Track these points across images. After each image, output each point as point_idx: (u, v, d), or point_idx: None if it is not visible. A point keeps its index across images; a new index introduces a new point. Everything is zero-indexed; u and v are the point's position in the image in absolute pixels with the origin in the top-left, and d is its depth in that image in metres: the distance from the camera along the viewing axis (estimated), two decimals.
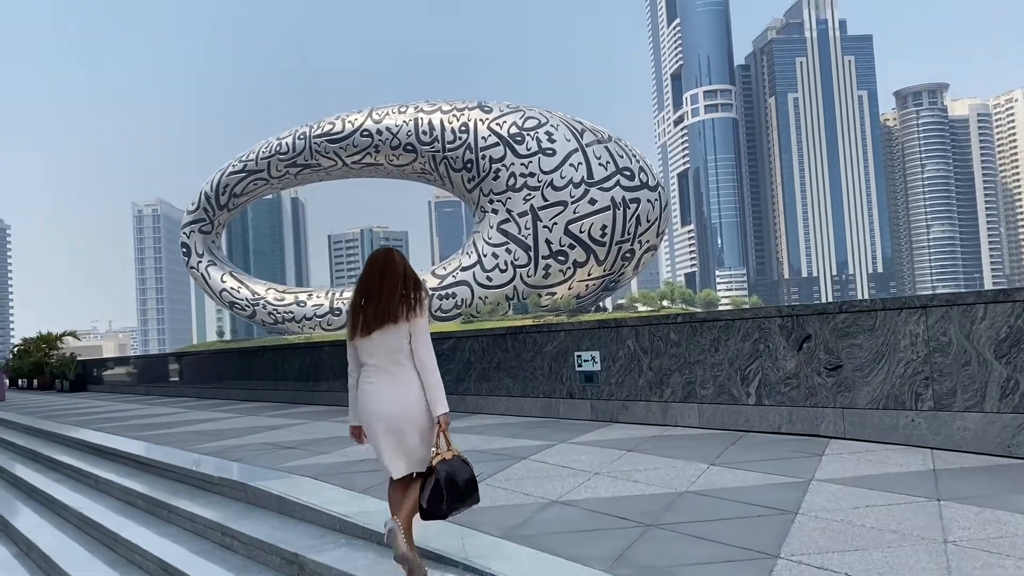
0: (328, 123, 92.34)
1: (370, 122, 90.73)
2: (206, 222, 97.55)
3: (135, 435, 10.55)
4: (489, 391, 10.14)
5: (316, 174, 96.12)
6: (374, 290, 4.16)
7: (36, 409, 18.30)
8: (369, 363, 4.16)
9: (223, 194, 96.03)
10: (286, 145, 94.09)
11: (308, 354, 14.41)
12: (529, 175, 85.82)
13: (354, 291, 4.31)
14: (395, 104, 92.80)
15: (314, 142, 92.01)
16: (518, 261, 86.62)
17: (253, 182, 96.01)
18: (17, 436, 12.83)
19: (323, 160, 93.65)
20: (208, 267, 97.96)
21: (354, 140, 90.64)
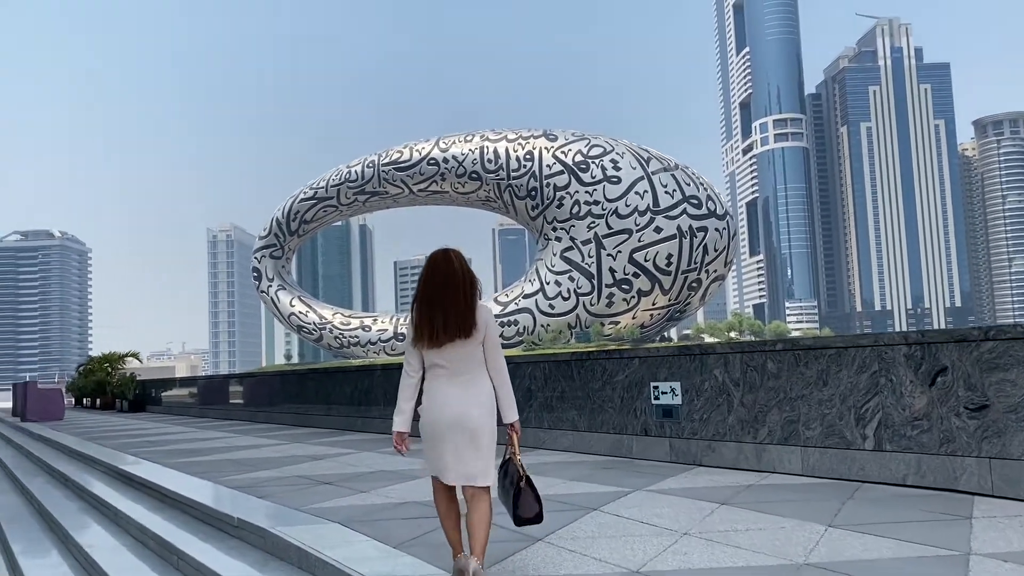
0: (396, 152, 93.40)
1: (437, 150, 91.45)
2: (277, 247, 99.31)
3: (170, 462, 9.77)
4: (551, 424, 9.06)
5: (383, 201, 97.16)
6: (438, 302, 4.05)
7: (86, 429, 17.88)
8: (439, 368, 4.09)
9: (294, 220, 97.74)
10: (355, 173, 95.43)
11: (360, 379, 13.55)
12: (593, 203, 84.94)
13: (417, 295, 4.17)
14: (462, 133, 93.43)
15: (382, 170, 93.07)
16: (581, 289, 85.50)
17: (323, 209, 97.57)
18: (58, 459, 12.23)
19: (390, 188, 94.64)
20: (278, 291, 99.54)
21: (421, 168, 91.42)
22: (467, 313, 4.05)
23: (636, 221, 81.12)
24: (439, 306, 4.04)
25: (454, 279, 4.08)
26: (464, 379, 4.07)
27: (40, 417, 23.05)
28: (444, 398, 4.03)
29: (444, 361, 4.07)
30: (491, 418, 4.10)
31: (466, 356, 4.07)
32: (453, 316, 4.02)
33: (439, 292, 4.06)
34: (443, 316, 4.02)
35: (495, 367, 4.16)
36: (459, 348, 4.05)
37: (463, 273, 4.12)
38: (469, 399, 4.02)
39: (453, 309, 4.03)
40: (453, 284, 4.06)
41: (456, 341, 4.02)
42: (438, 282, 4.08)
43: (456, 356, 4.06)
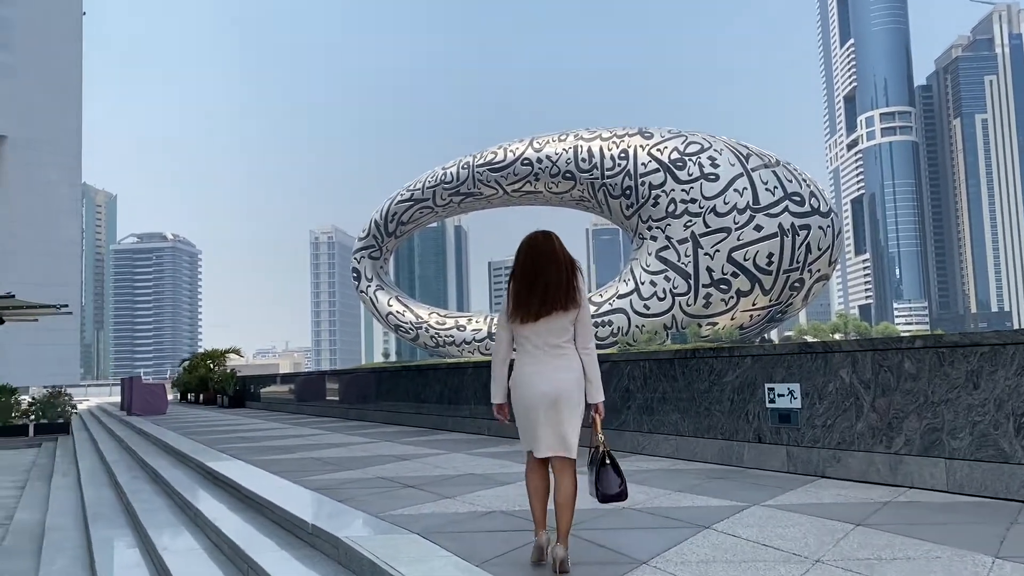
0: (491, 152, 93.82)
1: (531, 151, 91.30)
2: (375, 248, 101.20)
3: (257, 459, 9.53)
4: (652, 428, 8.36)
5: (478, 202, 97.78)
6: (539, 276, 4.14)
7: (185, 424, 18.12)
8: (531, 344, 4.17)
9: (391, 222, 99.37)
10: (450, 174, 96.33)
11: (450, 377, 13.13)
12: (690, 201, 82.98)
13: (514, 274, 4.27)
14: (555, 132, 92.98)
15: (477, 171, 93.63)
16: (677, 289, 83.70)
17: (419, 210, 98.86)
18: (151, 454, 12.26)
19: (485, 188, 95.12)
20: (376, 291, 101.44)
21: (515, 169, 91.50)
22: (568, 287, 4.14)
23: (735, 219, 78.84)
24: (540, 280, 4.13)
25: (554, 256, 4.18)
26: (555, 354, 4.14)
27: (144, 411, 23.67)
28: (536, 372, 4.12)
29: (535, 336, 4.16)
30: (580, 393, 4.15)
31: (559, 331, 4.15)
32: (553, 289, 4.12)
33: (540, 267, 4.15)
34: (543, 290, 4.12)
35: (585, 345, 4.21)
36: (554, 322, 4.13)
37: (563, 252, 4.22)
38: (560, 373, 4.10)
39: (554, 282, 4.13)
40: (554, 260, 4.16)
41: (553, 315, 4.11)
42: (538, 259, 4.18)
43: (548, 330, 4.14)
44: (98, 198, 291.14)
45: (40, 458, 18.36)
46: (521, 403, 4.18)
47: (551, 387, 4.06)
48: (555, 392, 4.06)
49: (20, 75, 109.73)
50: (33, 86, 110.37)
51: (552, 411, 4.07)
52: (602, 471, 4.15)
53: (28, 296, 56.50)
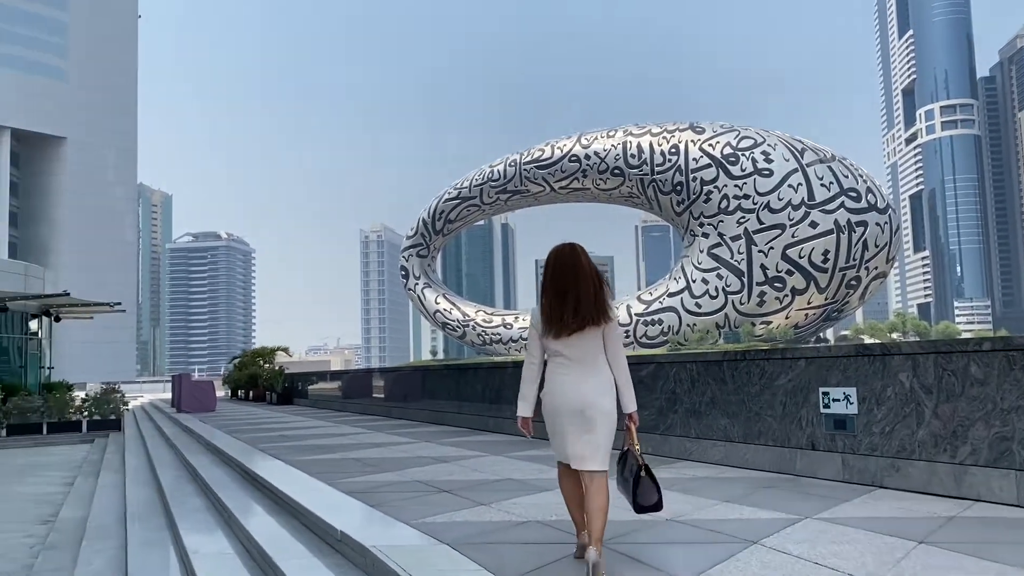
0: (538, 150, 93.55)
1: (578, 147, 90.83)
2: (423, 246, 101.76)
3: (296, 459, 9.43)
4: (700, 433, 8.03)
5: (525, 199, 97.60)
6: (570, 290, 4.17)
7: (231, 421, 18.23)
8: (564, 357, 4.20)
9: (439, 220, 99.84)
10: (497, 172, 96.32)
11: (491, 377, 12.92)
12: (743, 197, 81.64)
13: (544, 287, 4.31)
14: (604, 129, 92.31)
15: (524, 168, 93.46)
16: (730, 287, 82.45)
17: (466, 208, 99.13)
18: (195, 452, 12.28)
19: (532, 186, 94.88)
20: (424, 289, 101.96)
21: (562, 166, 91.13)
22: (597, 302, 4.17)
23: (790, 215, 77.34)
24: (572, 295, 4.15)
25: (583, 271, 4.21)
26: (586, 367, 4.17)
27: (193, 408, 23.95)
28: (568, 385, 4.15)
29: (567, 349, 4.19)
30: (612, 405, 4.18)
31: (589, 345, 4.18)
32: (584, 305, 4.14)
33: (572, 283, 4.17)
34: (574, 304, 4.14)
35: (615, 359, 4.25)
36: (585, 337, 4.17)
37: (589, 266, 4.26)
38: (592, 387, 4.13)
39: (584, 298, 4.14)
40: (583, 275, 4.19)
41: (584, 330, 4.14)
42: (568, 275, 4.20)
43: (580, 344, 4.17)
44: (154, 198, 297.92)
45: (92, 454, 18.66)
46: (552, 414, 4.22)
47: (582, 399, 4.10)
48: (586, 404, 4.10)
49: (77, 79, 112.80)
50: (90, 89, 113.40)
51: (583, 422, 4.10)
52: (640, 481, 4.17)
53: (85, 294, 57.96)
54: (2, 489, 13.99)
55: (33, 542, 9.14)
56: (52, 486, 13.99)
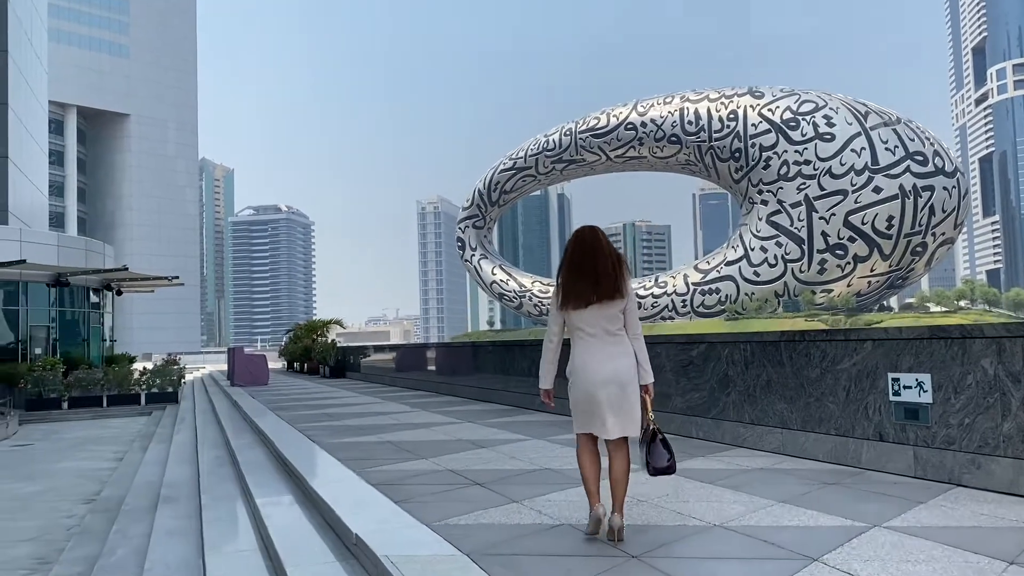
0: (593, 118, 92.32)
1: (634, 115, 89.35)
2: (479, 218, 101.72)
3: (331, 442, 9.14)
4: (754, 419, 7.45)
5: (581, 169, 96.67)
6: (588, 266, 4.40)
7: (280, 396, 18.18)
8: (586, 332, 4.41)
9: (494, 191, 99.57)
10: (553, 142, 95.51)
11: (536, 353, 12.40)
12: (804, 162, 79.37)
13: (564, 265, 4.52)
14: (660, 95, 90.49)
15: (579, 137, 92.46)
16: (790, 255, 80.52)
17: (522, 178, 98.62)
18: (237, 431, 12.14)
19: (587, 155, 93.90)
20: (480, 260, 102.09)
21: (618, 134, 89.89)
22: (617, 277, 4.41)
23: (852, 181, 74.99)
24: (591, 270, 4.39)
25: (602, 250, 4.45)
26: (610, 340, 4.40)
27: (247, 381, 24.08)
28: (596, 358, 4.36)
29: (588, 325, 4.41)
30: (635, 375, 4.41)
31: (612, 318, 4.40)
32: (604, 279, 4.38)
33: (590, 259, 4.42)
34: (595, 279, 4.37)
35: (634, 332, 4.51)
36: (605, 310, 4.39)
37: (608, 246, 4.50)
38: (618, 358, 4.36)
39: (604, 273, 4.38)
40: (602, 253, 4.43)
41: (604, 303, 4.37)
42: (587, 251, 4.45)
43: (601, 318, 4.39)
44: (216, 172, 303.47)
45: (147, 427, 18.86)
46: (583, 388, 4.41)
47: (613, 373, 4.33)
48: (617, 377, 4.33)
49: (138, 55, 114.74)
50: (150, 65, 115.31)
51: (618, 394, 4.33)
52: (653, 446, 4.43)
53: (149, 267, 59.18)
54: (56, 465, 14.14)
55: (71, 523, 9.07)
56: (103, 461, 14.08)
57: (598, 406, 4.35)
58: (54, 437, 18.94)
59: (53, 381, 23.85)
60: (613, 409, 4.33)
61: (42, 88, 40.95)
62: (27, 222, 35.89)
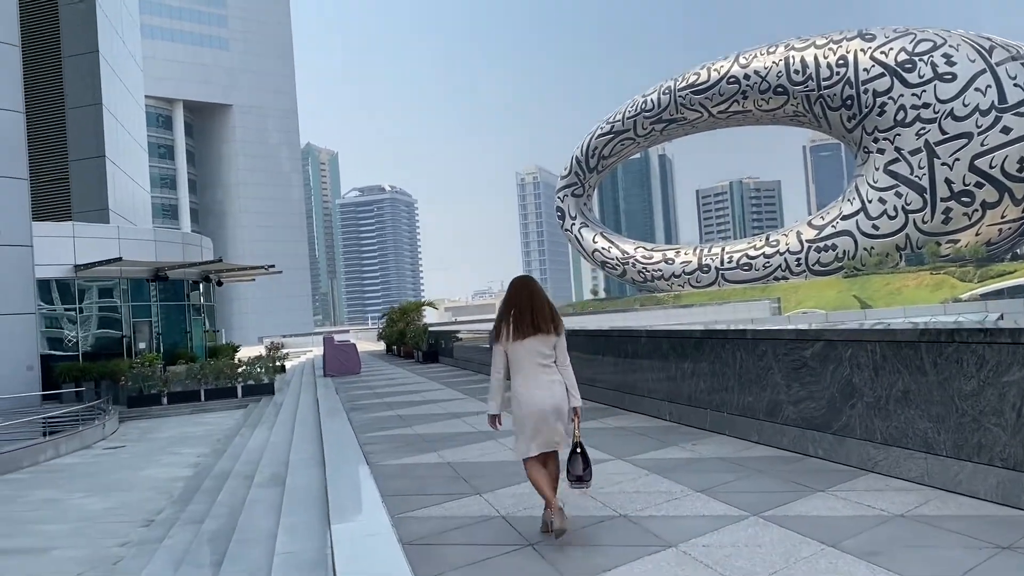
0: (692, 74, 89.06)
1: (736, 67, 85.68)
2: (577, 186, 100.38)
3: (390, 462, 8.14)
4: (887, 437, 5.89)
5: (682, 128, 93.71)
6: (525, 305, 5.20)
7: (364, 390, 17.48)
8: (523, 365, 5.10)
9: (592, 157, 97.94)
10: (651, 102, 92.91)
11: (623, 346, 11.03)
12: (923, 106, 74.13)
13: (502, 305, 5.32)
14: (762, 45, 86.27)
15: (679, 95, 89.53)
16: (910, 205, 75.65)
17: (620, 142, 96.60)
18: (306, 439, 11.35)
19: (688, 113, 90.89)
20: (580, 228, 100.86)
21: (720, 88, 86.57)
22: (551, 314, 5.21)
23: (977, 122, 69.55)
24: (527, 309, 5.17)
25: (537, 293, 5.32)
26: (545, 369, 5.10)
27: (338, 371, 23.60)
28: (536, 386, 5.05)
29: (528, 353, 5.09)
30: (566, 403, 5.11)
31: (544, 353, 5.11)
32: (539, 316, 5.15)
33: (527, 300, 5.22)
34: (531, 316, 5.13)
35: (563, 363, 5.20)
36: (540, 344, 5.10)
37: (542, 291, 5.37)
38: (553, 386, 5.08)
39: (539, 311, 5.17)
40: (537, 296, 5.28)
41: (539, 335, 5.09)
42: (525, 294, 5.27)
43: (539, 349, 5.08)
44: (322, 156, 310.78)
45: (236, 425, 18.51)
46: (525, 411, 5.06)
47: (552, 400, 5.02)
48: (554, 401, 5.03)
49: (237, 47, 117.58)
50: (249, 56, 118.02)
51: (553, 418, 5.02)
52: (573, 457, 5.09)
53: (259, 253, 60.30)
54: (138, 472, 13.79)
55: (119, 554, 8.40)
56: (181, 468, 13.63)
57: (541, 428, 5.02)
58: (148, 437, 18.86)
59: (152, 377, 23.98)
60: (549, 429, 5.03)
61: (137, 84, 41.76)
62: (129, 218, 36.69)
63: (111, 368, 25.69)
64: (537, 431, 5.01)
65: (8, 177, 24.35)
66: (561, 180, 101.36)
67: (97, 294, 29.73)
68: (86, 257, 28.14)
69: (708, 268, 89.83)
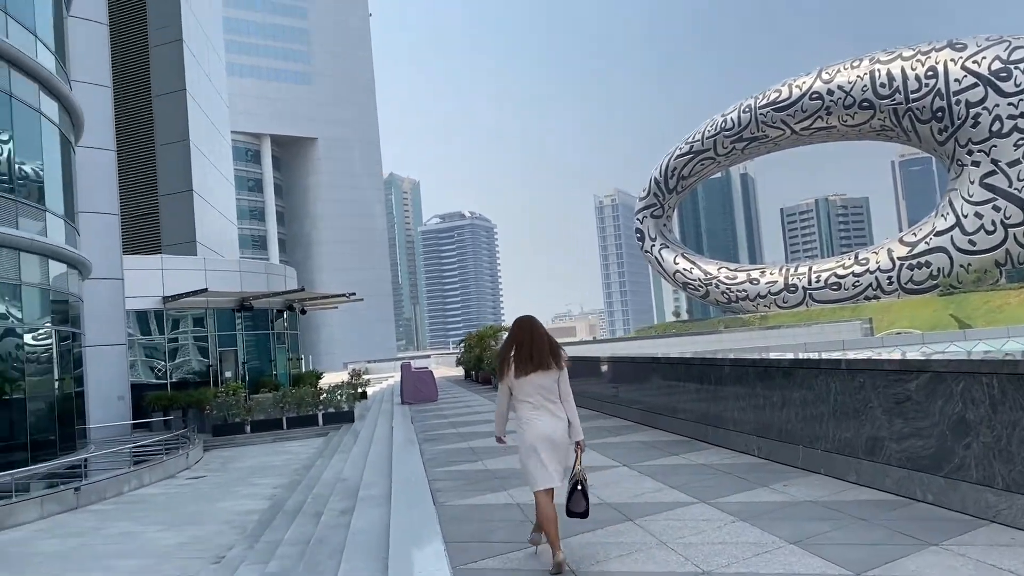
0: (774, 91, 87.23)
1: (819, 83, 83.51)
2: (657, 207, 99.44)
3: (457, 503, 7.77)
4: (1010, 483, 5.12)
5: (763, 146, 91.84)
6: (526, 343, 5.43)
7: (439, 419, 17.20)
8: (527, 400, 5.37)
9: (671, 177, 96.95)
10: (731, 120, 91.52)
11: (706, 374, 10.39)
12: (1020, 116, 70.87)
13: (506, 342, 5.66)
14: (846, 59, 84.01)
15: (759, 113, 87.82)
16: (1010, 219, 72.10)
17: (700, 162, 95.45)
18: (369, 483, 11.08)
19: (770, 131, 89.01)
20: (661, 250, 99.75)
21: (802, 105, 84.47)
22: (553, 351, 5.43)
23: None
24: (528, 347, 5.41)
25: (539, 332, 5.53)
26: (549, 409, 5.35)
27: (415, 399, 23.44)
28: (543, 426, 5.30)
29: (532, 388, 5.35)
30: (567, 434, 5.38)
31: (548, 387, 5.37)
32: (542, 354, 5.37)
33: (528, 338, 5.45)
34: (530, 353, 5.37)
35: (565, 397, 5.44)
36: (542, 379, 5.34)
37: (543, 331, 5.59)
38: (557, 425, 5.32)
39: (540, 349, 5.39)
40: (539, 334, 5.50)
41: (540, 372, 5.33)
42: (527, 333, 5.51)
43: (542, 384, 5.34)
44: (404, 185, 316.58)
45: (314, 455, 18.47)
46: (529, 444, 5.29)
47: (553, 433, 5.29)
48: (555, 436, 5.29)
49: (321, 82, 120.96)
50: (332, 90, 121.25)
51: (556, 451, 5.29)
52: (574, 494, 5.35)
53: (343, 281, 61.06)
54: (215, 504, 13.79)
55: None
56: (257, 501, 13.57)
57: (542, 461, 5.22)
58: (229, 467, 19.00)
59: (236, 406, 24.29)
60: (554, 462, 5.24)
61: (223, 121, 43.11)
62: (217, 250, 37.68)
63: (197, 397, 26.22)
64: (531, 462, 5.26)
65: (101, 213, 25.20)
66: (640, 201, 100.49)
67: (185, 324, 30.51)
68: (174, 288, 28.92)
69: (795, 288, 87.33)
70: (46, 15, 19.82)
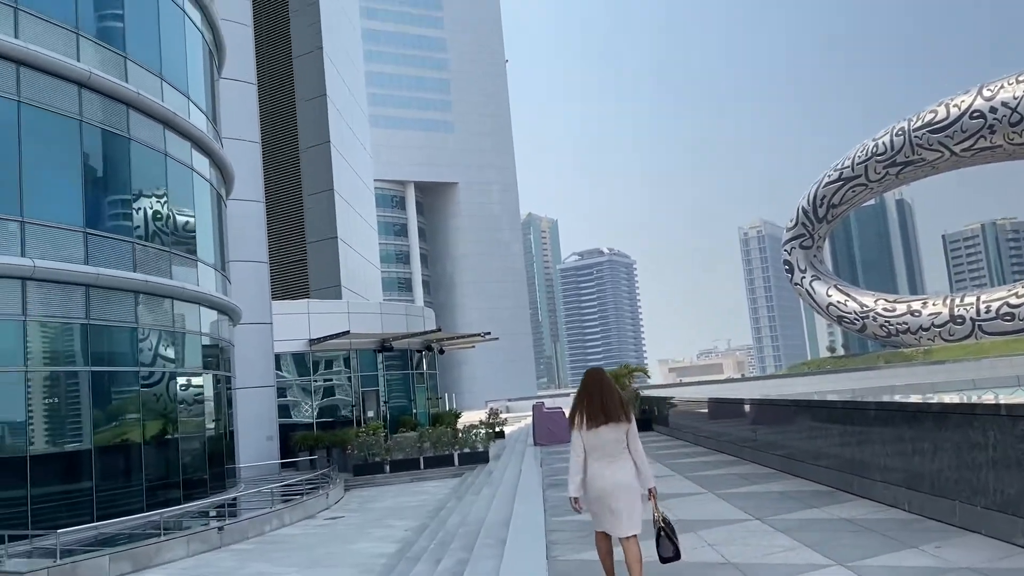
0: (929, 112, 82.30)
1: (980, 101, 78.11)
2: (806, 237, 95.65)
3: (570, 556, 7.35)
4: None
5: (920, 170, 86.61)
6: (597, 396, 5.75)
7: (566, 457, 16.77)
8: (597, 452, 5.67)
9: (820, 206, 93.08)
10: (883, 145, 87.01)
11: (849, 418, 9.52)
12: None
13: (577, 395, 5.93)
14: (1011, 74, 78.21)
15: (914, 136, 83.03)
16: None
17: (851, 189, 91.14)
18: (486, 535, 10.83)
19: (926, 153, 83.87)
20: (812, 282, 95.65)
21: (962, 125, 79.17)
22: (620, 405, 5.77)
23: None
24: (599, 399, 5.73)
25: (608, 384, 5.95)
26: (619, 461, 5.66)
27: (547, 440, 23.13)
28: (612, 478, 5.60)
29: (601, 440, 5.66)
30: (636, 484, 5.67)
31: (617, 439, 5.69)
32: (611, 407, 5.71)
33: (598, 391, 5.81)
34: (602, 405, 5.70)
35: (635, 449, 5.74)
36: (613, 431, 5.67)
37: (612, 383, 6.03)
38: (623, 471, 5.63)
39: (611, 401, 5.74)
40: (608, 387, 5.91)
41: (611, 424, 5.66)
42: (596, 385, 5.87)
43: (611, 437, 5.66)
44: (542, 225, 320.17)
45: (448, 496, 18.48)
46: (596, 495, 5.69)
47: (620, 482, 5.60)
48: (623, 485, 5.60)
49: (461, 128, 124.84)
50: (472, 136, 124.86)
51: (627, 501, 5.60)
52: (661, 540, 5.72)
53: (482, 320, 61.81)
54: (348, 546, 13.96)
55: None
56: (389, 544, 13.61)
57: (608, 509, 5.57)
58: (367, 507, 19.29)
59: (375, 445, 24.76)
60: (620, 512, 5.52)
61: (366, 169, 44.98)
62: (361, 293, 39.04)
63: (341, 436, 26.97)
64: (599, 512, 5.63)
65: (252, 261, 26.60)
66: (787, 232, 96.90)
67: (329, 365, 31.61)
68: (319, 331, 30.06)
69: (962, 320, 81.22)
70: (198, 78, 21.27)
